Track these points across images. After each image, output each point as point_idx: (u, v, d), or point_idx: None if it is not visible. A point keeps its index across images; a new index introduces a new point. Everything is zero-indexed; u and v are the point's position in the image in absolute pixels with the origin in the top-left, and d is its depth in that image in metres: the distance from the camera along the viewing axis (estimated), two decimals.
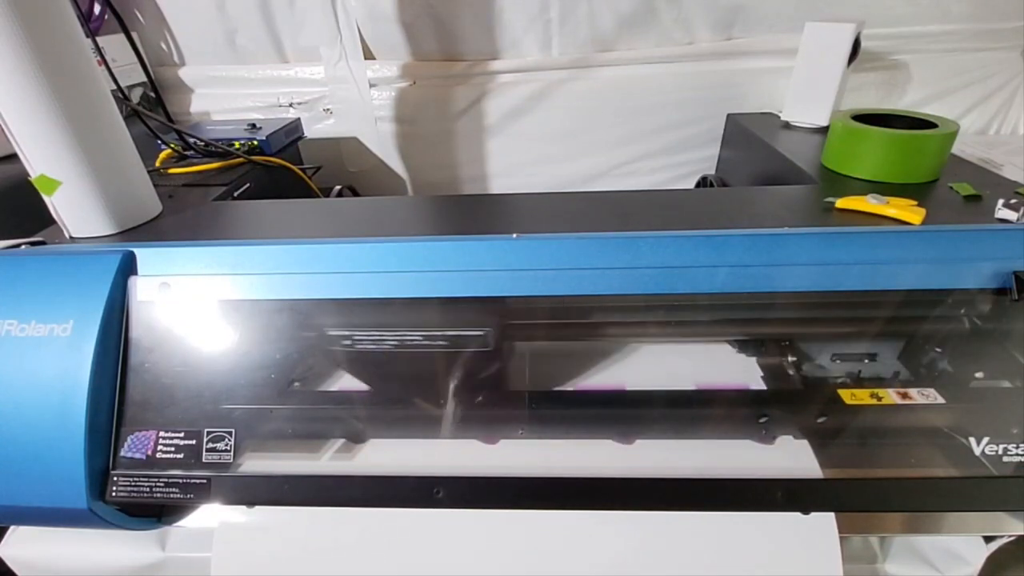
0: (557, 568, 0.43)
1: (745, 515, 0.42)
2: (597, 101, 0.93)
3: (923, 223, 0.47)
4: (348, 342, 0.48)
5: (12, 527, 0.54)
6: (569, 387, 0.47)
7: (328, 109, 0.97)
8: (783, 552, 0.41)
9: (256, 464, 0.45)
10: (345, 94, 0.94)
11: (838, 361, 0.46)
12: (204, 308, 0.46)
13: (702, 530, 0.42)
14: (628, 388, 0.46)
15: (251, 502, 0.45)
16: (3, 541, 0.54)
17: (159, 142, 0.75)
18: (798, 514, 0.42)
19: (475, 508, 0.43)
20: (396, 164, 1.01)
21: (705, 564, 0.42)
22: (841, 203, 0.52)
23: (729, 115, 0.89)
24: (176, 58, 0.96)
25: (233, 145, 0.77)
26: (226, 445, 0.45)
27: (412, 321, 0.47)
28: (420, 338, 0.47)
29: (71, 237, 0.53)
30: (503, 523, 0.43)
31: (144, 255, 0.47)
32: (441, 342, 0.47)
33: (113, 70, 0.73)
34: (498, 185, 1.02)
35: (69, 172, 0.49)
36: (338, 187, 0.89)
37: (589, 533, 0.43)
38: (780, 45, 0.85)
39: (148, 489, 0.44)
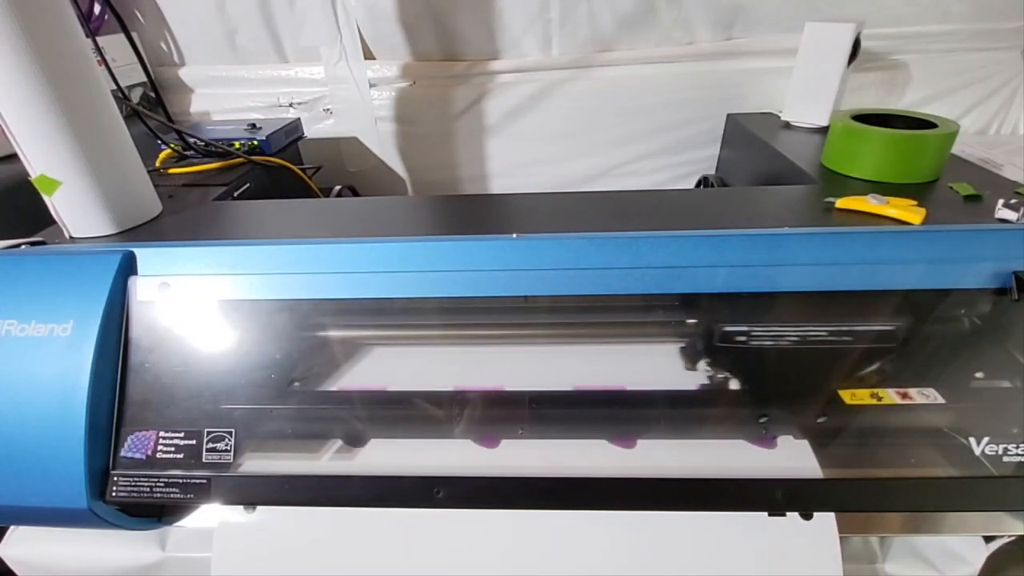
0: (557, 568, 0.43)
1: (745, 515, 0.42)
2: (597, 101, 0.93)
3: (923, 223, 0.47)
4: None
5: (12, 527, 0.54)
6: (569, 387, 0.47)
7: (328, 109, 0.97)
8: (783, 552, 0.41)
9: (256, 464, 0.45)
10: (345, 94, 0.94)
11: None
12: (204, 308, 0.46)
13: (702, 530, 0.42)
14: (628, 388, 0.46)
15: (251, 502, 0.45)
16: (3, 541, 0.54)
17: (159, 142, 0.75)
18: (798, 514, 0.42)
19: (475, 508, 0.43)
20: (396, 164, 1.01)
21: (705, 564, 0.42)
22: (841, 203, 0.52)
23: (729, 115, 0.89)
24: (176, 58, 0.97)
25: (233, 145, 0.78)
26: (226, 445, 0.45)
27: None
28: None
29: (71, 237, 0.53)
30: (503, 523, 0.43)
31: (144, 255, 0.47)
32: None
33: (113, 70, 0.73)
34: (498, 185, 1.02)
35: (69, 172, 0.49)
36: (338, 187, 0.89)
37: (589, 533, 0.43)
38: (780, 45, 0.85)
39: (148, 489, 0.44)
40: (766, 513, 0.42)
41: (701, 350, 0.45)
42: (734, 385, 0.45)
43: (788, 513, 0.42)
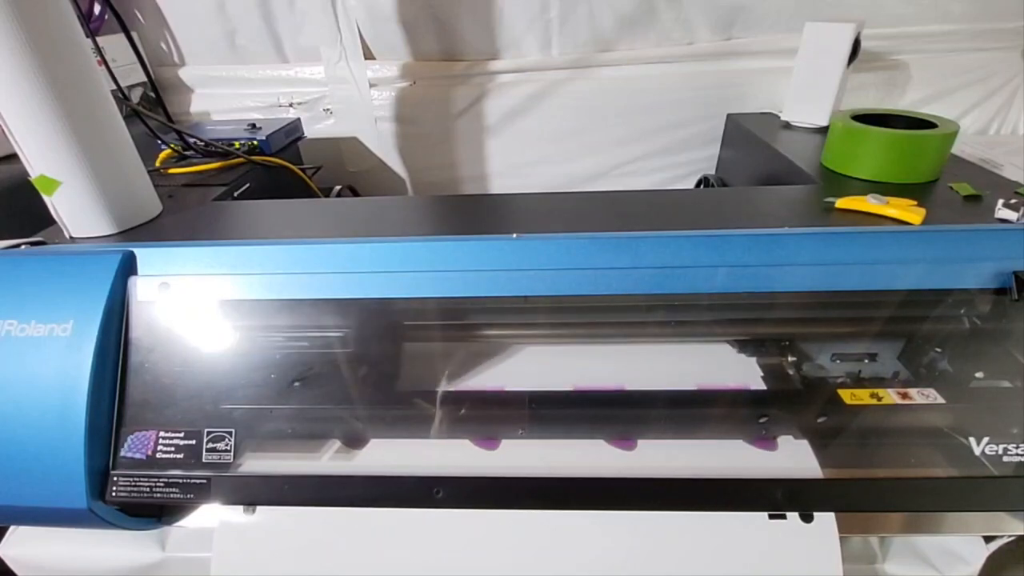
0: (557, 568, 0.43)
1: (745, 515, 0.42)
2: (597, 101, 0.93)
3: (923, 223, 0.47)
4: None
5: (12, 527, 0.54)
6: (569, 387, 0.47)
7: (328, 109, 0.97)
8: (783, 552, 0.41)
9: (256, 464, 0.45)
10: (345, 94, 0.94)
11: (838, 361, 0.46)
12: (204, 308, 0.46)
13: (702, 530, 0.42)
14: (628, 388, 0.46)
15: (251, 502, 0.45)
16: (3, 541, 0.54)
17: (159, 142, 0.75)
18: (798, 516, 0.42)
19: (475, 508, 0.43)
20: (396, 164, 1.01)
21: (705, 564, 0.42)
22: (841, 203, 0.52)
23: (729, 115, 0.89)
24: (176, 58, 0.97)
25: (233, 145, 0.77)
26: (226, 445, 0.45)
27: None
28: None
29: (71, 237, 0.53)
30: (503, 523, 0.43)
31: (144, 255, 0.47)
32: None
33: (113, 70, 0.73)
34: (498, 185, 1.02)
35: (69, 172, 0.49)
36: (338, 187, 0.89)
37: (589, 533, 0.43)
38: (780, 45, 0.85)
39: (148, 489, 0.44)
40: (766, 516, 0.42)
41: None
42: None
43: (788, 515, 0.42)
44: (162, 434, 0.45)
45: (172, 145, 0.75)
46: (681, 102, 0.91)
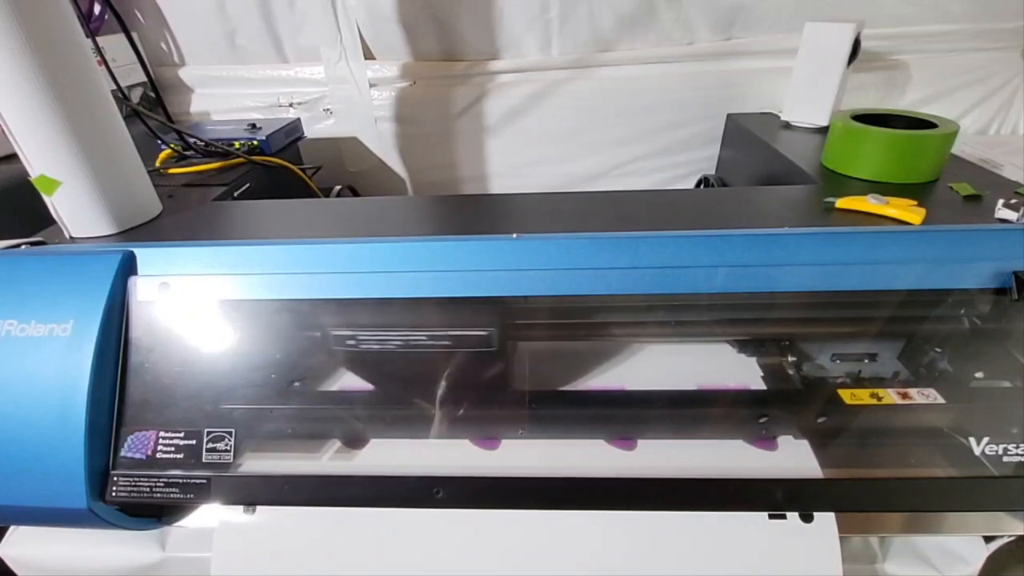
0: (557, 568, 0.43)
1: (745, 515, 0.42)
2: (597, 101, 0.93)
3: (923, 223, 0.47)
4: (350, 342, 0.48)
5: (12, 527, 0.54)
6: (570, 387, 0.47)
7: (328, 109, 0.97)
8: (783, 552, 0.41)
9: (256, 464, 0.45)
10: (345, 94, 0.94)
11: (838, 361, 0.46)
12: (204, 308, 0.46)
13: (702, 530, 0.42)
14: (628, 388, 0.46)
15: (251, 502, 0.45)
16: (3, 541, 0.54)
17: (159, 142, 0.75)
18: (798, 516, 0.42)
19: (475, 508, 0.43)
20: (396, 164, 1.01)
21: (705, 564, 0.42)
22: (841, 203, 0.52)
23: (729, 115, 0.89)
24: (176, 58, 0.97)
25: (233, 145, 0.77)
26: (226, 445, 0.45)
27: (414, 321, 0.47)
28: (422, 338, 0.47)
29: (71, 237, 0.53)
30: (503, 523, 0.43)
31: (144, 255, 0.47)
32: (443, 342, 0.47)
33: (113, 70, 0.73)
34: (498, 185, 1.02)
35: (69, 172, 0.49)
36: (338, 187, 0.89)
37: (589, 533, 0.43)
38: (780, 45, 0.85)
39: (148, 489, 0.44)
40: (766, 516, 0.42)
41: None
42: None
43: (788, 515, 0.42)
44: (162, 434, 0.45)
45: (172, 145, 0.75)
46: (681, 102, 0.91)
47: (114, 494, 0.44)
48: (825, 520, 0.41)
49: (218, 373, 0.46)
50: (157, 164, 0.75)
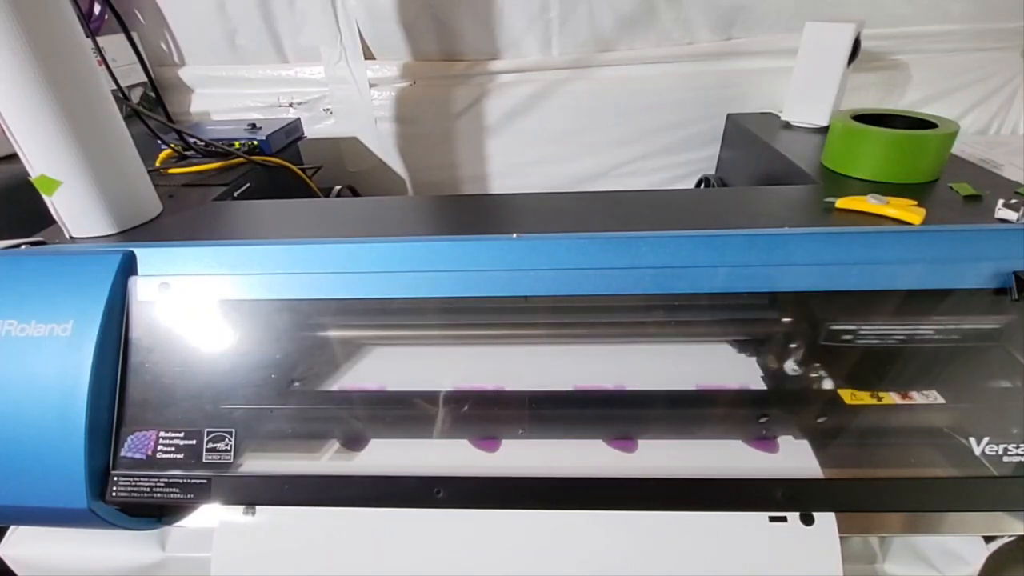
0: (557, 568, 0.43)
1: (746, 515, 0.42)
2: (597, 101, 0.93)
3: (923, 223, 0.47)
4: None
5: (12, 527, 0.54)
6: (570, 387, 0.47)
7: (328, 109, 0.97)
8: (783, 552, 0.41)
9: (256, 464, 0.45)
10: (345, 94, 0.94)
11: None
12: (204, 308, 0.46)
13: (702, 530, 0.42)
14: (628, 388, 0.46)
15: (251, 502, 0.45)
16: (3, 541, 0.54)
17: (159, 142, 0.75)
18: (797, 514, 0.42)
19: (475, 508, 0.43)
20: (396, 164, 1.01)
21: (705, 564, 0.42)
22: (841, 203, 0.52)
23: (729, 115, 0.89)
24: (176, 58, 0.96)
25: (233, 145, 0.77)
26: (226, 445, 0.45)
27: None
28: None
29: (71, 237, 0.53)
30: (503, 523, 0.43)
31: (144, 255, 0.47)
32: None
33: (113, 70, 0.73)
34: (498, 185, 1.02)
35: (69, 172, 0.49)
36: (338, 187, 0.89)
37: (589, 533, 0.43)
38: (780, 45, 0.85)
39: (148, 489, 0.44)
40: (767, 517, 0.42)
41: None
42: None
43: (788, 516, 0.42)
44: (162, 434, 0.45)
45: (172, 145, 0.75)
46: (681, 102, 0.91)
47: (114, 494, 0.44)
48: (825, 520, 0.41)
49: (218, 373, 0.46)
50: (157, 164, 0.75)
